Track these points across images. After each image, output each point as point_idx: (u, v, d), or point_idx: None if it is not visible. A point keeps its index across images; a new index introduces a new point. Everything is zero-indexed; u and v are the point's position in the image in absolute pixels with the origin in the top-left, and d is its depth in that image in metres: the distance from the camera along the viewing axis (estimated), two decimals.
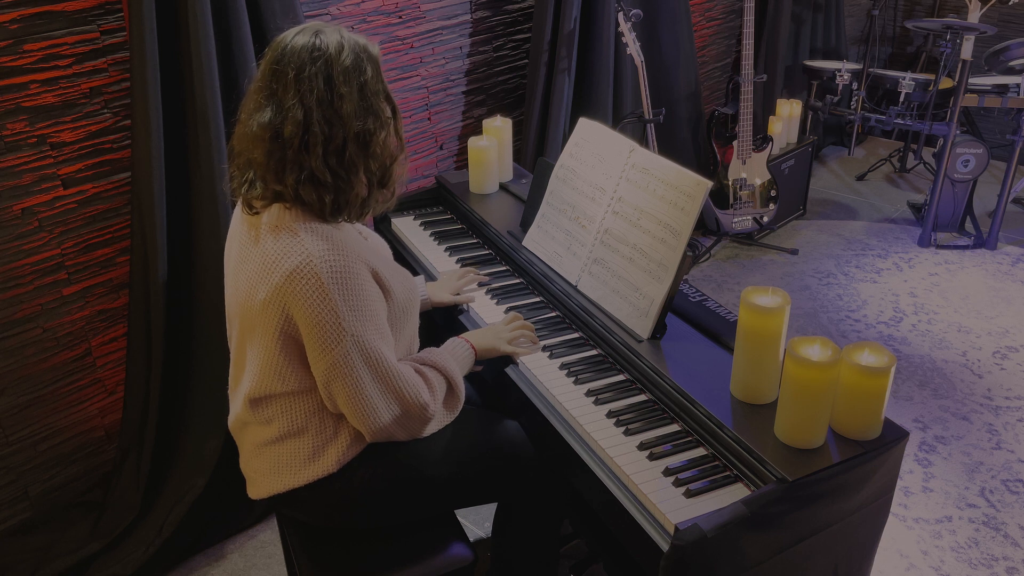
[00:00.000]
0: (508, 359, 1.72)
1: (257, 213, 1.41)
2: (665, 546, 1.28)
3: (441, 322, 1.95)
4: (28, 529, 2.11)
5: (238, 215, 1.50)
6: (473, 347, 1.66)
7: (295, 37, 1.35)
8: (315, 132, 1.33)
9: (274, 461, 1.50)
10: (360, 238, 1.49)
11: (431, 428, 1.54)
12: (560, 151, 2.22)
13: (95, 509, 2.17)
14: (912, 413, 2.71)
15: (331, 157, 1.35)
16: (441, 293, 1.89)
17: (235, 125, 1.42)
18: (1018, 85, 3.54)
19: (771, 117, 3.80)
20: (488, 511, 2.31)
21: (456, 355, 1.62)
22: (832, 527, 1.36)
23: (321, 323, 1.34)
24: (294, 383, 1.44)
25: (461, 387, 1.57)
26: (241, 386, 1.51)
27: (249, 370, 1.47)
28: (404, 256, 2.18)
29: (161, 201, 1.94)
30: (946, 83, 3.85)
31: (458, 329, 1.84)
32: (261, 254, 1.37)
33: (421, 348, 1.64)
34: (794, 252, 3.73)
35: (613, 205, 1.77)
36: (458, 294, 1.91)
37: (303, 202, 1.37)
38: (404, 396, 1.44)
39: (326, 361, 1.37)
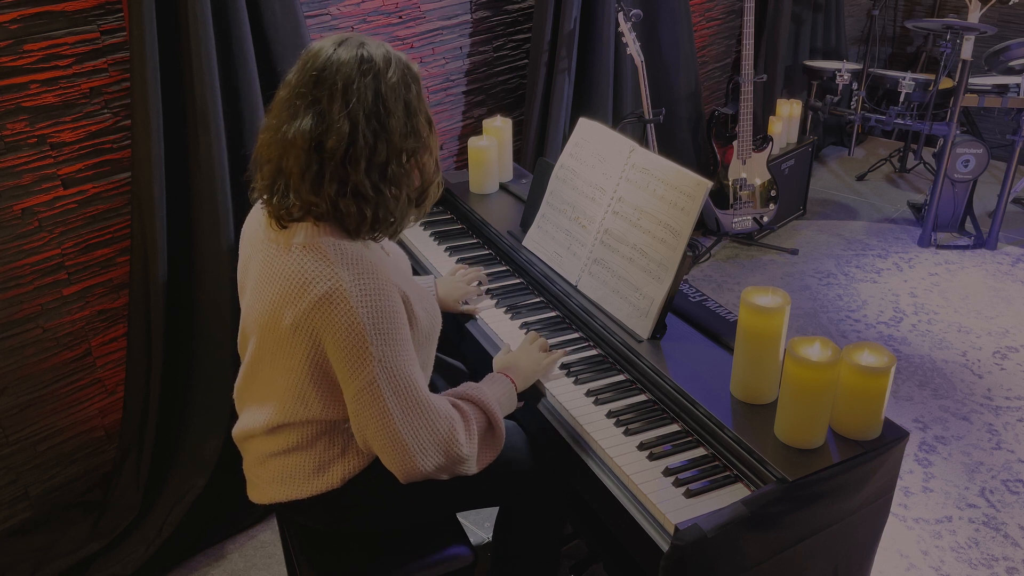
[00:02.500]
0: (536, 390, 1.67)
1: (285, 228, 1.35)
2: (665, 546, 1.28)
3: (456, 340, 1.93)
4: (28, 529, 2.11)
5: (258, 225, 1.44)
6: (512, 381, 1.58)
7: (339, 48, 1.30)
8: (360, 146, 1.28)
9: (278, 471, 1.49)
10: (383, 254, 1.45)
11: (469, 468, 1.44)
12: (560, 151, 2.22)
13: (95, 509, 2.17)
14: (912, 413, 2.71)
15: (374, 172, 1.31)
16: (450, 300, 1.86)
17: (262, 132, 1.37)
18: (1018, 85, 3.54)
19: (771, 117, 3.80)
20: (489, 512, 2.31)
21: (495, 390, 1.53)
22: (832, 527, 1.36)
23: (348, 347, 1.29)
24: (317, 411, 1.40)
25: (501, 425, 1.49)
26: (258, 410, 1.47)
27: (272, 397, 1.43)
28: None
29: (161, 201, 1.94)
30: (946, 83, 3.85)
31: (468, 339, 1.83)
32: (288, 276, 1.32)
33: (438, 361, 1.59)
34: (794, 252, 3.73)
35: (613, 205, 1.77)
36: (465, 302, 1.89)
37: (337, 217, 1.33)
38: (436, 428, 1.36)
39: (354, 387, 1.32)
